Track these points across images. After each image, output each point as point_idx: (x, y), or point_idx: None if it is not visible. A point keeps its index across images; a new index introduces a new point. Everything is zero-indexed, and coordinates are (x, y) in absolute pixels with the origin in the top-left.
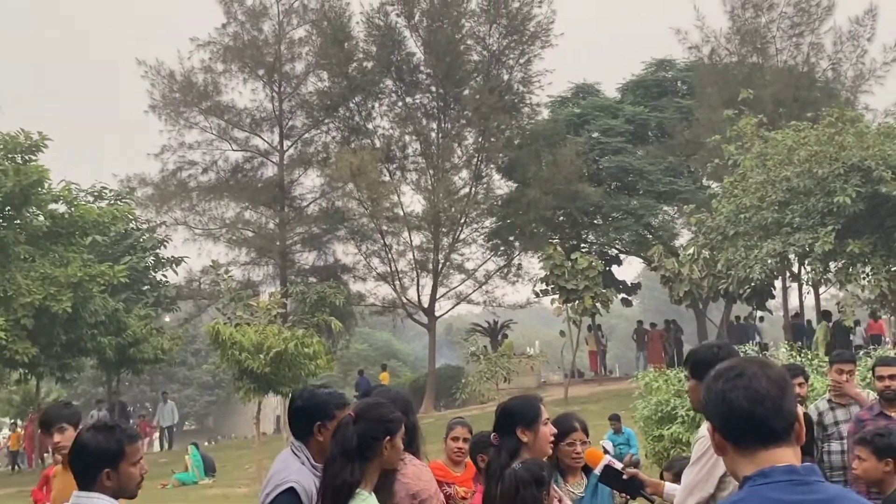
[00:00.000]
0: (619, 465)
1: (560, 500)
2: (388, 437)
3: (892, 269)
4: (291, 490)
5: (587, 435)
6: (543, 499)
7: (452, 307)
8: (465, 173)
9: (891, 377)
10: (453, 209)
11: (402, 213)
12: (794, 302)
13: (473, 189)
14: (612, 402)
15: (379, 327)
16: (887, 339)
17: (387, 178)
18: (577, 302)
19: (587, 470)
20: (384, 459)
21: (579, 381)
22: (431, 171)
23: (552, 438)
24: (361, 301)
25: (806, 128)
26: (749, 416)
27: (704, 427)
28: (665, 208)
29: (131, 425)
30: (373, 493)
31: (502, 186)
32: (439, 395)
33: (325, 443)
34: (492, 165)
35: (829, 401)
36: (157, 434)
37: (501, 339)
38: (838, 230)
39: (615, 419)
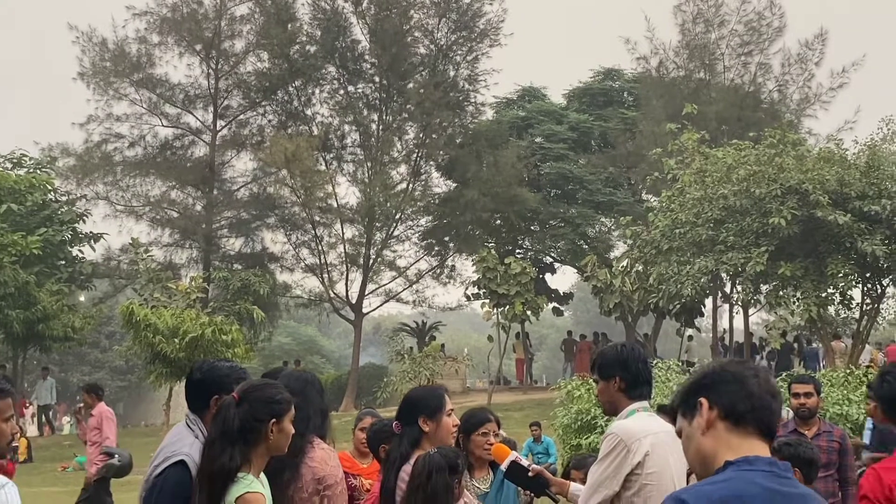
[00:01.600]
0: (525, 462)
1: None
2: (273, 420)
3: (823, 295)
4: (182, 464)
5: (499, 428)
6: (455, 487)
7: (381, 304)
8: (403, 168)
9: (806, 395)
10: (389, 204)
11: (335, 205)
12: (724, 323)
13: (411, 185)
14: (534, 410)
15: (304, 321)
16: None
17: (322, 168)
18: (507, 307)
19: (494, 467)
20: (270, 444)
21: (504, 388)
22: (369, 164)
23: (455, 430)
24: (287, 292)
25: (747, 147)
26: (766, 405)
27: (613, 424)
28: (602, 219)
29: (2, 380)
30: (262, 477)
31: (440, 185)
32: (361, 394)
33: None
34: (431, 163)
35: None
36: (32, 413)
37: (429, 341)
38: (771, 251)
39: (535, 426)
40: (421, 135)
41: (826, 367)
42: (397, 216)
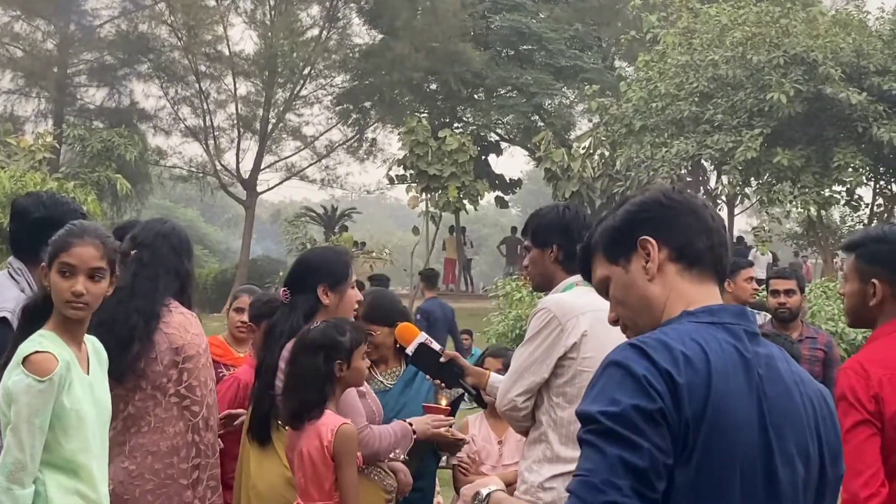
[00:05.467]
0: (436, 346)
1: None
2: (44, 265)
3: (825, 192)
4: (3, 321)
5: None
6: (334, 372)
7: (281, 182)
8: (315, 10)
9: (787, 292)
10: (295, 55)
11: (227, 52)
12: None
13: (325, 33)
14: (466, 321)
15: (183, 202)
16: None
17: (211, 3)
18: (439, 192)
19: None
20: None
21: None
22: (271, 2)
23: (357, 306)
24: (162, 160)
25: (747, 3)
26: (723, 240)
27: (545, 298)
28: (564, 89)
29: None
30: (90, 343)
31: (362, 34)
32: None
33: None
34: (352, 5)
35: None
36: None
37: (339, 231)
38: (767, 135)
39: (466, 335)
40: None
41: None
42: (306, 71)
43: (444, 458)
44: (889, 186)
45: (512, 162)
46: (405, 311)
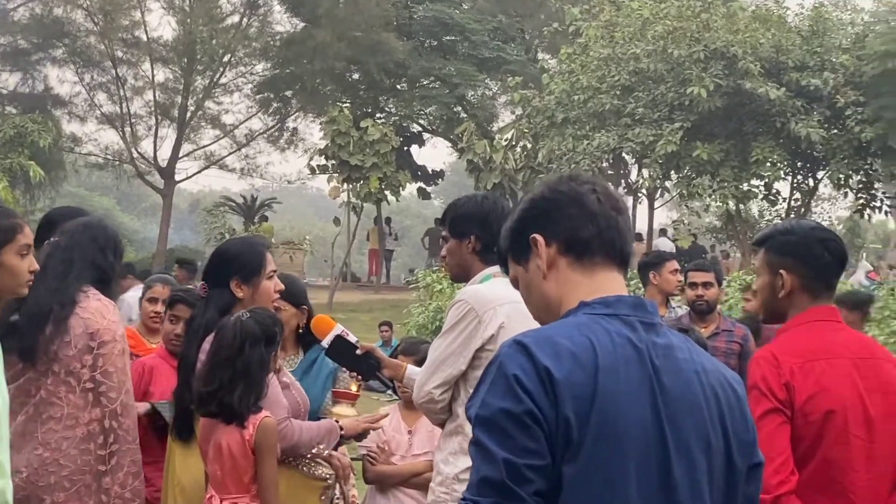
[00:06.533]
0: (353, 338)
1: (280, 369)
2: None
3: (744, 186)
4: None
5: (301, 300)
6: (271, 361)
7: (199, 171)
8: None
9: (705, 285)
10: (215, 42)
11: (144, 38)
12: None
13: (245, 20)
14: (386, 312)
15: (99, 190)
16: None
17: None
18: (360, 183)
19: (306, 346)
20: None
21: (352, 285)
22: None
23: (277, 296)
24: (77, 147)
25: None
26: (613, 223)
27: (463, 290)
28: (487, 80)
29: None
30: None
31: (284, 22)
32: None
33: None
34: None
35: None
36: None
37: (259, 221)
38: (687, 129)
39: (386, 327)
40: None
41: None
42: (225, 59)
43: (356, 448)
44: (806, 181)
45: (434, 153)
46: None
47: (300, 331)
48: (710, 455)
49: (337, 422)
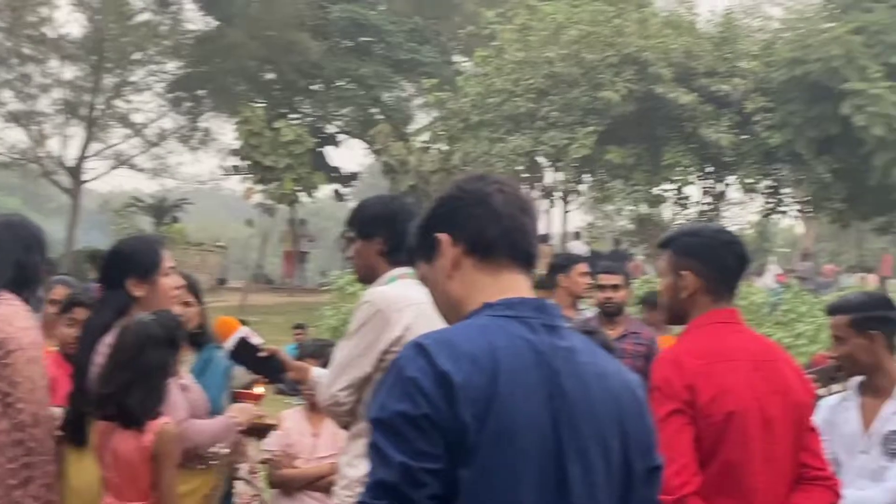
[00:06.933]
0: (257, 340)
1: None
2: None
3: (656, 190)
4: None
5: (197, 297)
6: (172, 364)
7: (108, 171)
8: None
9: (613, 287)
10: (125, 39)
11: (52, 35)
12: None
13: (157, 17)
14: (300, 315)
15: (6, 191)
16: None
17: None
18: (274, 184)
19: (199, 346)
20: None
21: (266, 287)
22: None
23: (177, 293)
24: None
25: (582, 2)
26: (518, 224)
27: (369, 291)
28: (403, 82)
29: None
30: None
31: (196, 21)
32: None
33: None
34: None
35: None
36: None
37: (170, 223)
38: (601, 133)
39: (299, 329)
40: None
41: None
42: (136, 56)
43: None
44: (716, 186)
45: (350, 155)
46: None
47: (196, 330)
48: (607, 458)
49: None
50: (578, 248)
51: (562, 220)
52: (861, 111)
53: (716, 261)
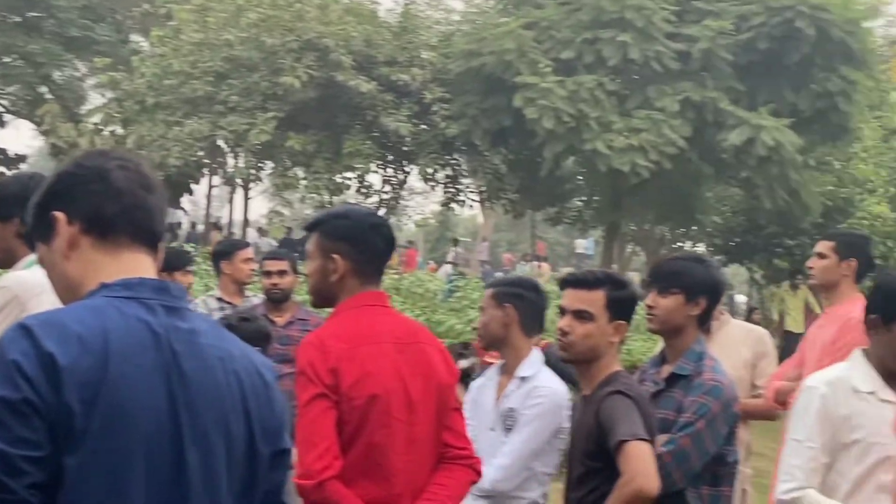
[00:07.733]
0: None
1: None
2: None
3: (337, 178)
4: None
5: None
6: None
7: None
8: None
9: (280, 273)
10: None
11: None
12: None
13: None
14: None
15: None
16: None
17: None
18: None
19: None
20: None
21: None
22: None
23: None
24: None
25: None
26: (140, 202)
27: (6, 276)
28: (75, 61)
29: None
30: None
31: None
32: None
33: None
34: None
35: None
36: None
37: None
38: (281, 119)
39: None
40: None
41: None
42: None
43: None
44: (396, 174)
45: (17, 136)
46: None
47: None
48: (230, 442)
49: None
50: (253, 237)
51: (243, 208)
52: (532, 104)
53: (365, 244)
